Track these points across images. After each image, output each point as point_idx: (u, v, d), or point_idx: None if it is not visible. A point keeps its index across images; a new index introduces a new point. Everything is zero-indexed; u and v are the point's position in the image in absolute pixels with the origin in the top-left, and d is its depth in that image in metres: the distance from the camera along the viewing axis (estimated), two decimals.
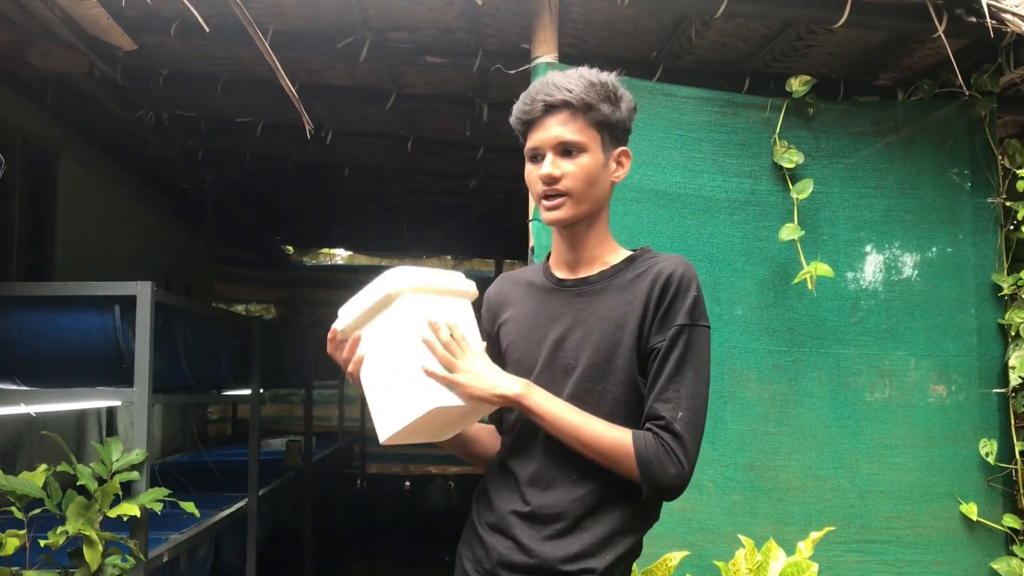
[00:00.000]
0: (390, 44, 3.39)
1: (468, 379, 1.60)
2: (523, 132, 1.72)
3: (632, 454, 1.58)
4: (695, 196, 2.99)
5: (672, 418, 1.59)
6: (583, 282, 1.74)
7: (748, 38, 3.24)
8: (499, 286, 1.89)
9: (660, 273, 1.66)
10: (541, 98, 1.66)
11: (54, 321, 2.97)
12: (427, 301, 1.64)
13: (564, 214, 1.68)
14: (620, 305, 1.67)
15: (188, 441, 7.26)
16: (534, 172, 1.70)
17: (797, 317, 3.03)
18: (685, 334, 1.62)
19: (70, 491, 2.73)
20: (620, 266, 1.73)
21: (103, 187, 5.60)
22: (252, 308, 9.45)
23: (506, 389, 1.62)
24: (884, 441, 3.06)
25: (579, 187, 1.67)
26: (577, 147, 1.66)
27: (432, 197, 6.51)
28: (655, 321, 1.64)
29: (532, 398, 1.62)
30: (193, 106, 4.41)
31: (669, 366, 1.61)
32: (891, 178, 3.17)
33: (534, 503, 1.65)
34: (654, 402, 1.61)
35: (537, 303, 1.77)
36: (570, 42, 3.29)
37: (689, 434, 1.59)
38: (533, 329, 1.74)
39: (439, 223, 7.85)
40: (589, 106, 1.66)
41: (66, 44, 3.16)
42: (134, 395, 2.89)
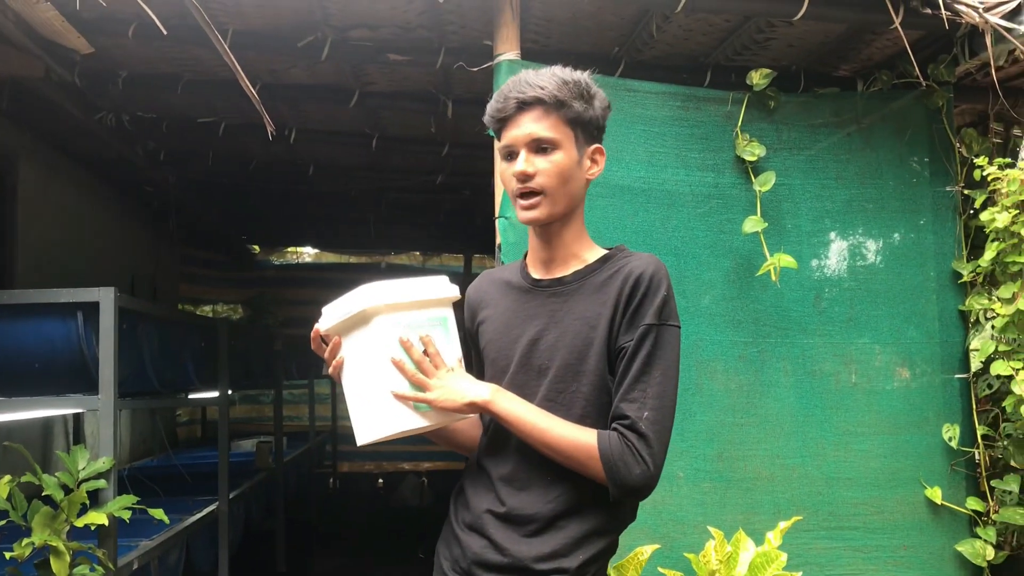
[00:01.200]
0: (351, 42, 3.38)
1: (438, 394, 1.63)
2: (497, 130, 1.71)
3: (597, 455, 1.58)
4: (659, 190, 3.01)
5: (638, 417, 1.58)
6: (558, 282, 1.74)
7: (709, 32, 3.26)
8: (478, 284, 1.90)
9: (631, 273, 1.66)
10: (514, 95, 1.66)
11: (15, 329, 2.92)
12: (403, 319, 1.66)
13: (540, 214, 1.68)
14: (593, 305, 1.68)
15: (157, 445, 7.19)
16: (508, 170, 1.70)
17: (762, 308, 3.06)
18: (653, 333, 1.62)
19: (36, 501, 2.70)
20: (594, 265, 1.73)
21: (65, 190, 5.52)
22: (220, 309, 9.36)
23: (475, 396, 1.63)
24: (850, 428, 3.10)
25: (553, 184, 1.66)
26: (551, 144, 1.66)
27: (399, 194, 6.48)
28: (624, 321, 1.64)
29: (500, 404, 1.64)
30: (154, 107, 4.36)
31: (636, 365, 1.61)
32: (852, 168, 3.21)
33: (509, 503, 1.66)
34: (620, 401, 1.62)
35: (513, 303, 1.78)
36: (533, 38, 3.29)
37: (655, 434, 1.58)
38: (509, 329, 1.75)
39: (407, 219, 7.82)
40: (562, 103, 1.66)
41: (20, 48, 3.11)
42: (99, 402, 2.86)
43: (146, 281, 7.08)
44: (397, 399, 1.64)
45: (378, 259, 10.08)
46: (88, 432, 5.51)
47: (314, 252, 10.27)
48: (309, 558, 6.86)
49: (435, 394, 1.64)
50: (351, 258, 10.19)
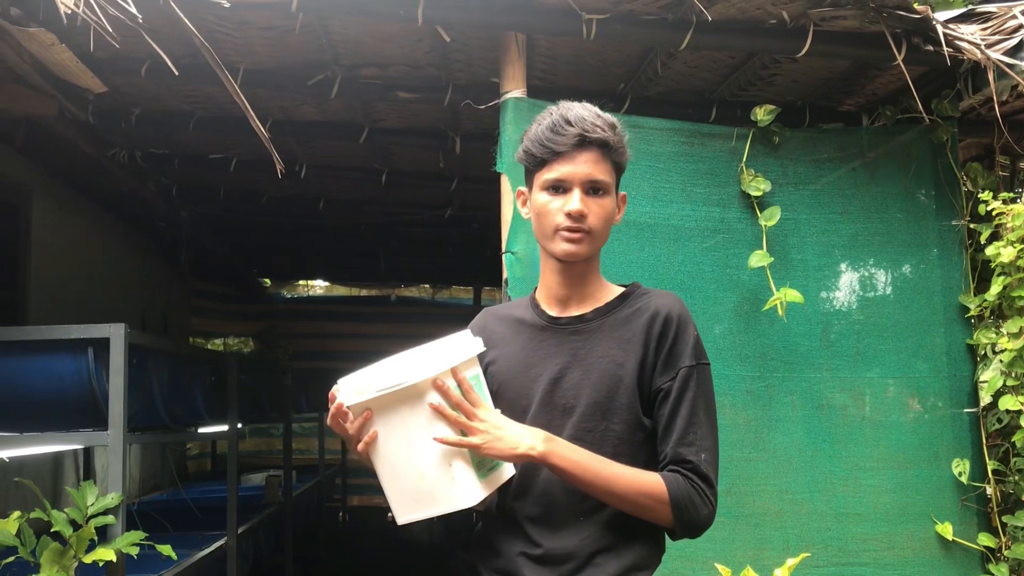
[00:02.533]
0: (361, 80, 3.42)
1: (485, 439, 1.55)
2: (542, 160, 1.67)
3: (667, 500, 1.59)
4: (665, 225, 3.03)
5: (698, 461, 1.61)
6: (578, 320, 1.72)
7: (713, 68, 3.30)
8: (482, 322, 1.85)
9: (658, 312, 1.67)
10: (576, 131, 1.63)
11: (27, 365, 2.95)
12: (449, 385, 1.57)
13: (582, 250, 1.67)
14: (618, 343, 1.67)
15: (167, 479, 7.19)
16: (553, 203, 1.66)
17: (769, 343, 3.07)
18: (694, 375, 1.65)
19: (44, 537, 2.70)
20: (614, 303, 1.73)
21: (77, 226, 5.58)
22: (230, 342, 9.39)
23: (527, 448, 1.56)
24: (859, 463, 3.09)
25: (600, 227, 1.67)
26: (603, 187, 1.66)
27: (408, 227, 6.53)
28: (659, 362, 1.65)
29: (557, 454, 1.58)
30: (166, 143, 4.42)
31: (684, 409, 1.63)
32: (857, 203, 3.22)
33: (545, 544, 1.64)
34: (677, 446, 1.62)
35: (529, 341, 1.75)
36: (539, 75, 3.33)
37: (714, 474, 1.64)
38: (527, 368, 1.72)
39: (416, 252, 7.87)
40: (615, 149, 1.67)
41: (35, 87, 3.17)
42: (109, 437, 2.87)
43: (157, 315, 7.12)
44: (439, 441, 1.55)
45: (388, 292, 10.12)
46: (98, 467, 5.52)
47: (324, 285, 10.32)
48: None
49: (480, 439, 1.55)
50: (361, 291, 10.23)
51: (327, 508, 8.39)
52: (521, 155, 1.73)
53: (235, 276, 9.02)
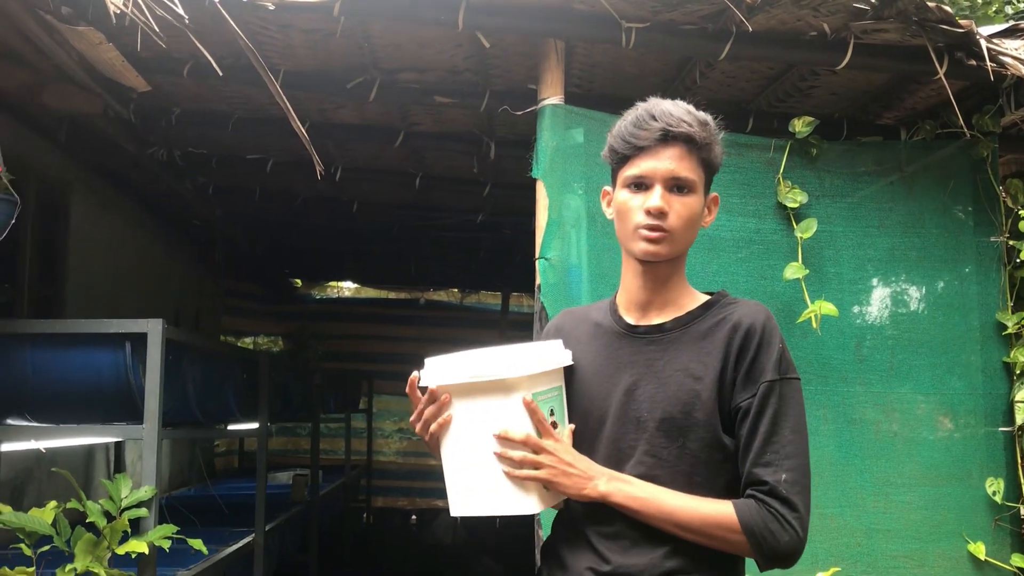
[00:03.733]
0: (399, 84, 3.45)
1: (551, 473, 1.53)
2: (625, 156, 1.61)
3: (739, 529, 1.49)
4: (700, 235, 2.99)
5: (776, 481, 1.49)
6: (657, 329, 1.64)
7: (752, 79, 3.29)
8: (561, 322, 1.80)
9: (739, 324, 1.58)
10: (660, 125, 1.56)
11: (65, 358, 3.00)
12: (538, 391, 1.55)
13: (662, 250, 1.58)
14: (697, 356, 1.58)
15: (195, 475, 7.26)
16: (633, 201, 1.59)
17: (802, 355, 3.05)
18: (776, 390, 1.54)
19: (79, 528, 2.75)
20: (696, 312, 1.64)
21: (114, 222, 5.66)
22: (260, 341, 9.48)
23: (590, 490, 1.54)
24: (890, 479, 3.06)
25: (681, 227, 1.59)
26: (688, 185, 1.58)
27: (440, 231, 6.56)
28: (739, 377, 1.55)
29: (621, 492, 1.54)
30: (204, 143, 4.47)
31: (764, 427, 1.52)
32: (894, 217, 3.20)
33: (614, 561, 1.56)
34: (753, 467, 1.52)
35: (605, 348, 1.67)
36: (576, 83, 3.34)
37: (798, 496, 1.50)
38: (602, 378, 1.64)
39: (447, 256, 7.90)
40: (703, 144, 1.59)
41: (81, 85, 3.23)
42: (143, 431, 2.91)
43: (190, 312, 7.20)
44: (508, 477, 1.53)
45: (417, 295, 10.16)
46: (128, 460, 5.58)
47: (353, 287, 10.38)
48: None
49: (546, 472, 1.52)
50: (390, 293, 10.29)
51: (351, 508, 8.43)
52: (606, 153, 1.66)
53: (267, 276, 9.10)
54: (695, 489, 1.56)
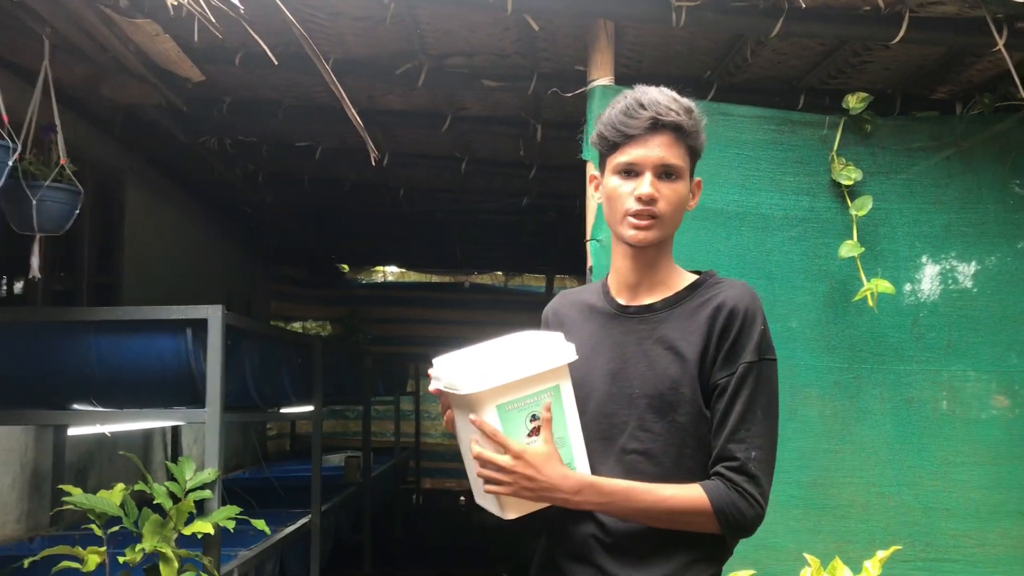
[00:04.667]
0: (447, 69, 3.47)
1: (510, 489, 1.55)
2: (615, 144, 1.65)
3: (710, 512, 1.56)
4: (753, 214, 3.00)
5: (746, 459, 1.57)
6: (647, 309, 1.70)
7: (803, 55, 3.25)
8: (557, 305, 1.86)
9: (724, 304, 1.63)
10: (649, 114, 1.61)
11: (129, 344, 3.08)
12: (509, 400, 1.55)
13: (652, 236, 1.64)
14: (683, 334, 1.64)
15: (248, 457, 7.40)
16: (624, 187, 1.64)
17: (857, 334, 3.02)
18: (754, 371, 1.60)
19: (146, 509, 2.83)
20: (684, 292, 1.69)
21: (167, 210, 5.77)
22: (309, 326, 9.60)
23: (557, 501, 1.58)
24: (948, 458, 3.03)
25: (670, 212, 1.64)
26: (676, 172, 1.63)
27: (484, 215, 6.58)
28: (720, 355, 1.61)
29: (590, 501, 1.58)
30: (255, 131, 4.53)
31: (739, 405, 1.59)
32: (951, 192, 3.14)
33: (615, 530, 1.63)
34: (727, 443, 1.59)
35: (598, 328, 1.73)
36: (624, 63, 3.33)
37: (763, 473, 1.59)
38: (595, 355, 1.70)
39: (491, 240, 7.93)
40: (690, 133, 1.64)
41: (138, 77, 3.29)
42: (206, 415, 2.98)
43: (241, 298, 7.31)
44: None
45: (462, 279, 10.21)
46: (185, 444, 5.71)
47: (398, 271, 10.46)
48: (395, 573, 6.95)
49: (506, 488, 1.56)
50: (435, 277, 10.35)
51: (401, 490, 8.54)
52: (595, 139, 1.71)
53: (315, 261, 9.21)
54: (685, 460, 1.63)
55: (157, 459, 5.50)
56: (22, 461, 3.92)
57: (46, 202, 2.90)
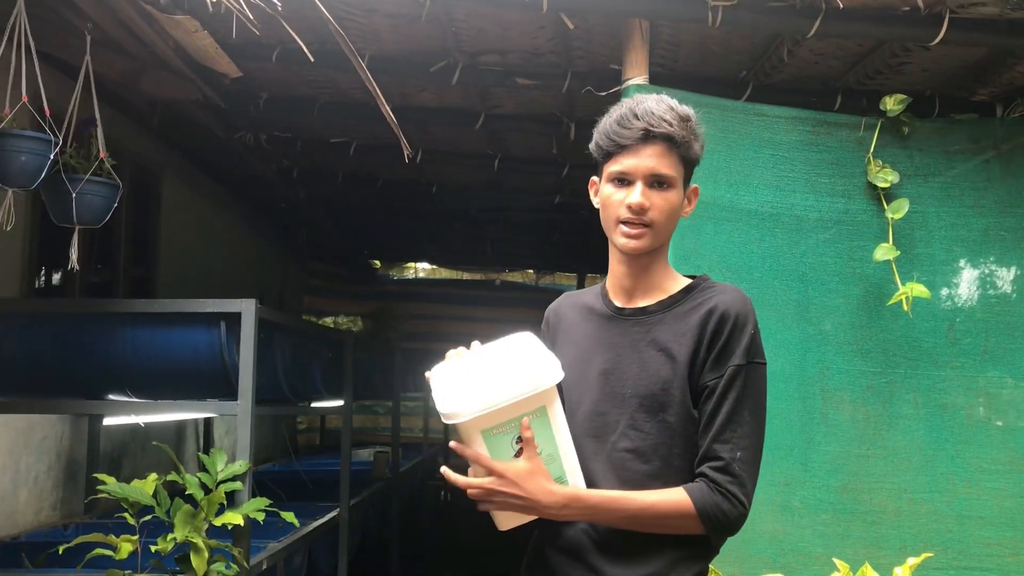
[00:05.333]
0: (481, 67, 3.48)
1: (498, 507, 1.63)
2: (609, 153, 1.68)
3: (694, 515, 1.58)
4: (787, 215, 2.98)
5: (731, 459, 1.59)
6: (641, 311, 1.73)
7: (840, 56, 3.22)
8: (558, 305, 1.90)
9: (716, 308, 1.65)
10: (642, 125, 1.64)
11: (163, 336, 3.12)
12: (492, 426, 1.59)
13: (643, 244, 1.67)
14: (675, 337, 1.67)
15: (279, 450, 7.46)
16: (616, 196, 1.67)
17: (891, 338, 2.99)
18: (743, 374, 1.62)
19: (178, 499, 2.86)
20: (678, 296, 1.72)
21: (203, 205, 5.83)
22: (341, 321, 9.67)
23: (542, 515, 1.62)
24: (982, 465, 2.98)
25: (662, 220, 1.67)
26: (668, 181, 1.66)
27: (517, 213, 6.59)
28: (710, 358, 1.64)
29: (576, 514, 1.63)
30: (290, 127, 4.58)
31: (727, 407, 1.61)
32: (990, 196, 3.10)
33: (604, 529, 1.65)
34: (712, 443, 1.61)
35: (594, 329, 1.77)
36: (659, 62, 3.31)
37: (747, 473, 1.61)
38: (589, 356, 1.74)
39: (523, 238, 7.93)
40: (682, 143, 1.66)
41: (176, 72, 3.33)
42: (238, 407, 3.01)
43: (274, 292, 7.38)
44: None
45: (493, 276, 10.23)
46: (216, 436, 5.77)
47: (430, 268, 10.50)
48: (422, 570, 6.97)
49: (492, 507, 1.63)
50: (466, 274, 10.37)
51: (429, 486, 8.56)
52: (592, 146, 1.74)
53: (347, 257, 9.27)
54: (674, 459, 1.65)
55: (189, 450, 5.56)
56: (58, 449, 3.98)
57: (85, 195, 2.94)
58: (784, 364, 2.86)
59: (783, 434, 2.86)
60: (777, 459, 2.85)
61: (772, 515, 2.89)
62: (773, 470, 2.84)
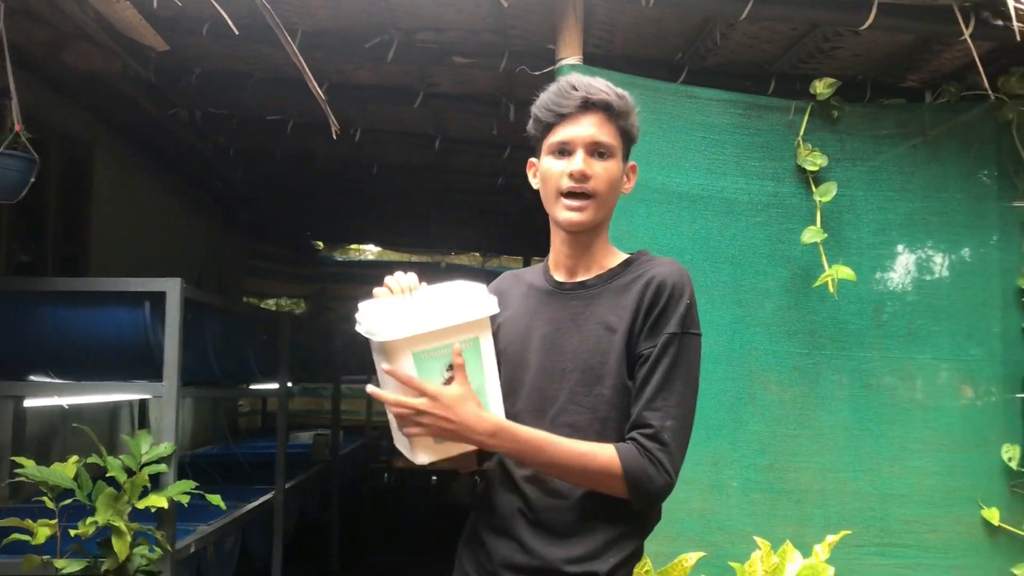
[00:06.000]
0: (418, 44, 3.43)
1: (429, 430, 1.56)
2: (549, 125, 1.68)
3: (620, 475, 1.57)
4: (718, 198, 3.00)
5: (661, 427, 1.59)
6: (580, 286, 1.74)
7: (774, 40, 3.24)
8: (500, 284, 1.89)
9: (653, 279, 1.67)
10: (581, 94, 1.65)
11: (87, 315, 3.04)
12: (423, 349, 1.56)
13: (586, 217, 1.67)
14: (614, 309, 1.68)
15: (218, 433, 7.36)
16: (557, 166, 1.67)
17: (818, 320, 3.03)
18: (676, 342, 1.63)
19: (100, 482, 2.80)
20: (617, 270, 1.74)
21: (137, 183, 5.70)
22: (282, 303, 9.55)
23: (476, 444, 1.59)
24: (905, 445, 3.05)
25: (605, 190, 1.67)
26: (608, 150, 1.67)
27: (460, 195, 6.55)
28: (646, 327, 1.64)
29: (503, 448, 1.60)
30: (225, 104, 4.48)
31: (659, 374, 1.62)
32: (916, 181, 3.16)
33: (538, 505, 1.66)
34: (643, 410, 1.61)
35: (535, 304, 1.77)
36: (595, 43, 3.30)
37: (676, 442, 1.60)
38: (529, 330, 1.74)
39: (467, 220, 7.90)
40: (621, 114, 1.67)
41: (100, 44, 3.23)
42: (163, 389, 2.96)
43: (212, 273, 7.26)
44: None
45: (438, 259, 10.18)
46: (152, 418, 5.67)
47: (376, 250, 10.41)
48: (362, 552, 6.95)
49: (422, 430, 1.57)
50: (412, 257, 10.30)
51: (373, 468, 8.53)
52: (530, 124, 1.74)
53: (289, 238, 9.15)
54: (608, 432, 1.64)
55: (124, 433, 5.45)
56: None
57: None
58: (714, 345, 2.88)
59: (712, 414, 2.89)
60: (706, 438, 2.88)
61: (700, 494, 2.92)
62: (702, 449, 2.89)
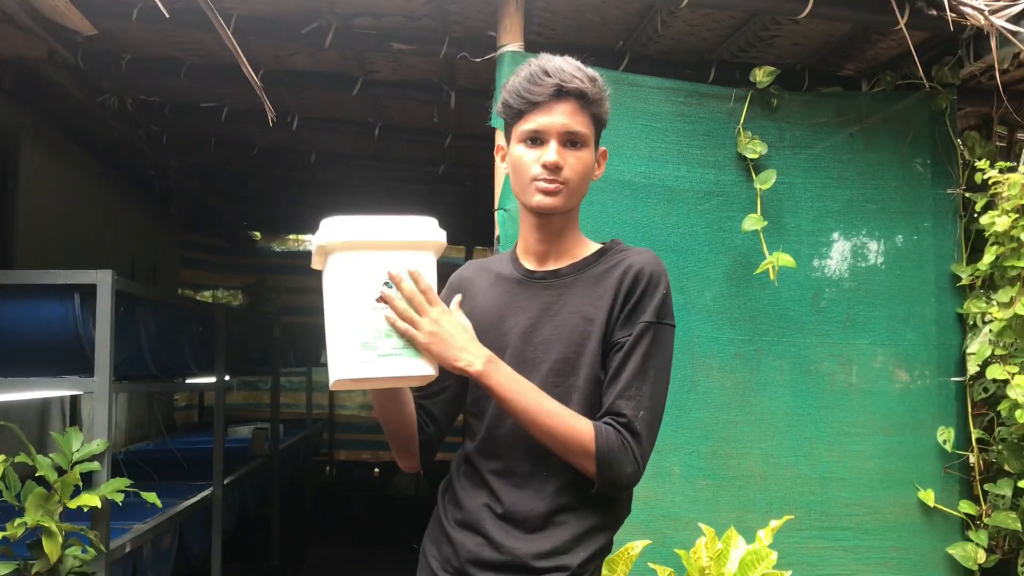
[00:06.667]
0: (356, 30, 3.37)
1: (429, 340, 1.54)
2: (520, 112, 1.65)
3: (592, 450, 1.55)
4: (660, 186, 3.00)
5: (634, 416, 1.58)
6: (553, 274, 1.71)
7: (714, 28, 3.25)
8: (463, 271, 1.86)
9: (630, 268, 1.65)
10: (554, 81, 1.61)
11: (13, 309, 2.93)
12: (367, 258, 1.55)
13: (557, 202, 1.64)
14: (590, 299, 1.66)
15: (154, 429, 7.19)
16: (529, 155, 1.65)
17: (759, 307, 3.06)
18: (651, 332, 1.62)
19: (29, 482, 2.70)
20: (591, 259, 1.71)
21: (66, 172, 5.51)
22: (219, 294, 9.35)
23: (466, 364, 1.55)
24: (845, 429, 3.10)
25: (576, 179, 1.65)
26: (581, 140, 1.64)
27: (401, 184, 6.47)
28: (621, 316, 1.63)
29: (495, 378, 1.57)
30: (157, 91, 4.35)
31: (633, 363, 1.60)
32: (854, 169, 3.20)
33: (506, 500, 1.63)
34: (617, 399, 1.59)
35: (504, 293, 1.74)
36: (536, 30, 3.28)
37: (647, 434, 1.59)
38: (500, 320, 1.71)
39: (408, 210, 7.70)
40: (594, 101, 1.65)
41: (24, 28, 3.11)
42: (95, 384, 2.86)
43: (146, 265, 7.07)
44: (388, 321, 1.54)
45: None
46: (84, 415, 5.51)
47: None
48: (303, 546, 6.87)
49: (425, 339, 1.53)
50: None
51: (314, 462, 8.43)
52: (500, 108, 1.71)
53: (225, 228, 8.95)
54: None
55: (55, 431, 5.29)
56: None
57: None
58: None
59: None
60: None
61: (644, 481, 2.85)
62: None
